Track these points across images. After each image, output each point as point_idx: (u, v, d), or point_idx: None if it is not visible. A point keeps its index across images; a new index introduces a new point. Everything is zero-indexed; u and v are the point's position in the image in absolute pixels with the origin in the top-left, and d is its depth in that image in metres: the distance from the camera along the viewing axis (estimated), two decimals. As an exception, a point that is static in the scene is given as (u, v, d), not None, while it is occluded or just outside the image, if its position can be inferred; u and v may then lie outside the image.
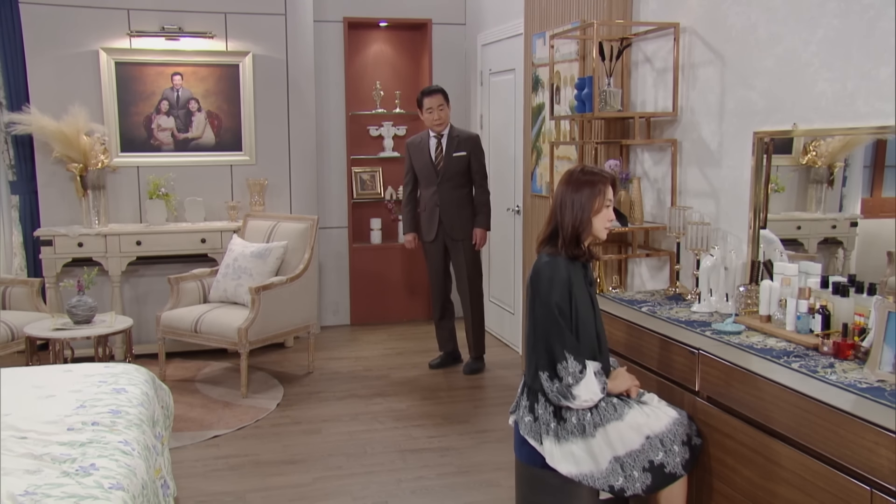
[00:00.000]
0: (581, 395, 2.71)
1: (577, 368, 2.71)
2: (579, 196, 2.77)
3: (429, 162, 5.37)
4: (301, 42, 6.10)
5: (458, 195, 5.37)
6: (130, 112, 5.75)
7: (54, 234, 5.42)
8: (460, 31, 6.75)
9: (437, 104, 5.28)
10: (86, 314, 4.46)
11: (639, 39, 4.15)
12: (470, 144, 5.34)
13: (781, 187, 3.41)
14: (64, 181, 5.62)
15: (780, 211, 3.40)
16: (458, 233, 5.38)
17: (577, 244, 2.80)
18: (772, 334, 2.92)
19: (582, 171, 2.83)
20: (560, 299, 2.75)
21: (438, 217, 5.36)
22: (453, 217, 5.36)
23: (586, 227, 2.78)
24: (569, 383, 2.71)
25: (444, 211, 5.35)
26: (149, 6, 5.71)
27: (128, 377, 3.20)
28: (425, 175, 5.40)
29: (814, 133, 3.14)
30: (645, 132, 4.08)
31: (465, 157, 5.33)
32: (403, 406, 4.77)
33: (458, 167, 5.32)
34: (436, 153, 5.36)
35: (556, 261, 2.78)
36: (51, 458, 2.44)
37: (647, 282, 4.20)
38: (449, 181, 5.33)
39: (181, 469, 3.77)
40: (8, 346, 4.76)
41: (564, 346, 2.72)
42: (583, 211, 2.76)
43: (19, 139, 5.65)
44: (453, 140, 5.34)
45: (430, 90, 5.35)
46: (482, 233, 5.44)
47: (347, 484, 3.72)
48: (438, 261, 5.51)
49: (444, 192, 5.35)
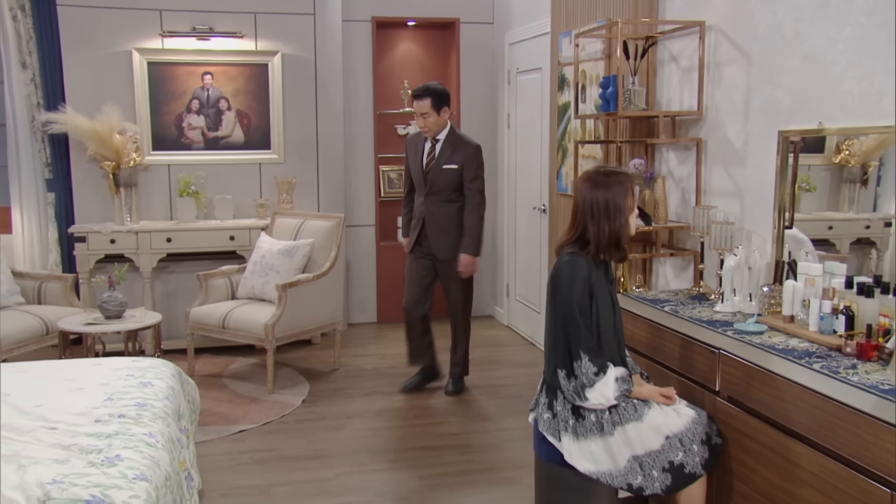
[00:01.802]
0: (591, 398, 2.71)
1: (591, 370, 2.71)
2: (612, 197, 2.75)
3: (419, 167, 4.77)
4: (329, 41, 6.16)
5: (447, 211, 4.73)
6: (162, 111, 5.85)
7: (88, 230, 5.54)
8: (488, 30, 6.76)
9: (420, 110, 4.62)
10: (116, 309, 4.55)
11: (664, 38, 4.13)
12: (465, 156, 4.66)
13: (813, 187, 3.37)
14: (97, 179, 5.73)
15: (811, 211, 3.36)
16: (444, 252, 4.76)
17: (618, 247, 2.80)
18: (794, 335, 2.90)
19: (605, 172, 2.81)
20: (580, 298, 2.75)
21: (423, 230, 4.79)
22: (439, 234, 4.75)
23: (625, 228, 2.78)
24: (582, 383, 2.71)
25: (429, 225, 4.76)
26: (180, 7, 5.80)
27: (154, 371, 3.26)
28: (417, 181, 4.82)
29: (839, 132, 3.10)
30: (670, 131, 4.06)
31: (458, 171, 4.66)
32: (426, 404, 4.80)
33: (448, 180, 4.69)
34: (427, 159, 4.74)
35: (576, 260, 2.78)
36: (78, 448, 2.50)
37: (671, 281, 4.18)
38: (437, 194, 4.71)
39: (207, 462, 3.84)
40: (43, 340, 4.87)
41: (581, 345, 2.72)
42: (620, 213, 2.75)
43: (55, 138, 5.77)
44: (448, 149, 4.69)
45: (416, 93, 4.67)
46: (468, 260, 4.73)
47: (369, 479, 3.76)
48: (416, 277, 4.87)
49: (432, 205, 4.75)
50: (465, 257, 4.72)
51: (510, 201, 6.55)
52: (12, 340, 4.68)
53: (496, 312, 6.98)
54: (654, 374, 3.20)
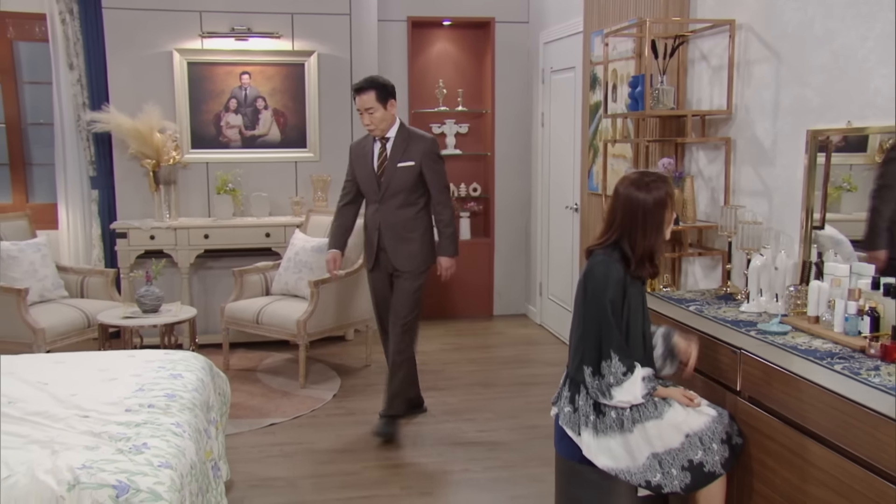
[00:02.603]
0: (618, 397, 2.73)
1: (620, 370, 2.72)
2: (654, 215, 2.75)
3: (370, 172, 4.25)
4: (365, 41, 6.23)
5: (404, 216, 4.24)
6: (201, 110, 5.98)
7: (129, 227, 5.69)
8: (523, 29, 6.77)
9: (364, 105, 4.13)
10: (153, 303, 4.67)
11: (695, 37, 4.11)
12: (421, 150, 4.19)
13: (854, 186, 3.31)
14: (138, 176, 5.89)
15: (851, 211, 3.31)
16: (404, 263, 4.24)
17: (651, 262, 2.81)
18: (819, 335, 2.87)
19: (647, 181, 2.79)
20: (614, 297, 2.76)
21: (378, 242, 4.28)
22: (396, 244, 4.24)
23: (661, 245, 2.80)
24: (609, 383, 2.73)
25: (385, 236, 4.24)
26: (220, 8, 5.92)
27: (185, 364, 3.36)
28: (368, 188, 4.30)
29: (868, 131, 3.06)
30: (700, 130, 4.04)
31: (415, 168, 4.19)
32: (455, 400, 4.84)
33: (404, 181, 4.19)
34: (378, 162, 4.24)
35: (610, 260, 2.79)
36: (108, 436, 2.60)
37: (700, 281, 4.15)
38: (393, 198, 4.21)
39: (237, 454, 3.93)
40: (84, 333, 5.03)
41: (611, 345, 2.73)
42: (658, 232, 2.77)
43: (99, 137, 5.95)
44: (400, 145, 4.20)
45: (358, 86, 4.17)
46: (448, 262, 4.34)
47: (395, 473, 3.82)
48: (383, 296, 4.40)
49: (387, 212, 4.23)
50: (445, 259, 4.32)
51: (543, 200, 6.55)
52: (56, 332, 4.84)
53: (529, 311, 6.99)
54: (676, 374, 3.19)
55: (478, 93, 6.95)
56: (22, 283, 4.95)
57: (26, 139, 6.32)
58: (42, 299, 5.14)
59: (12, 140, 6.25)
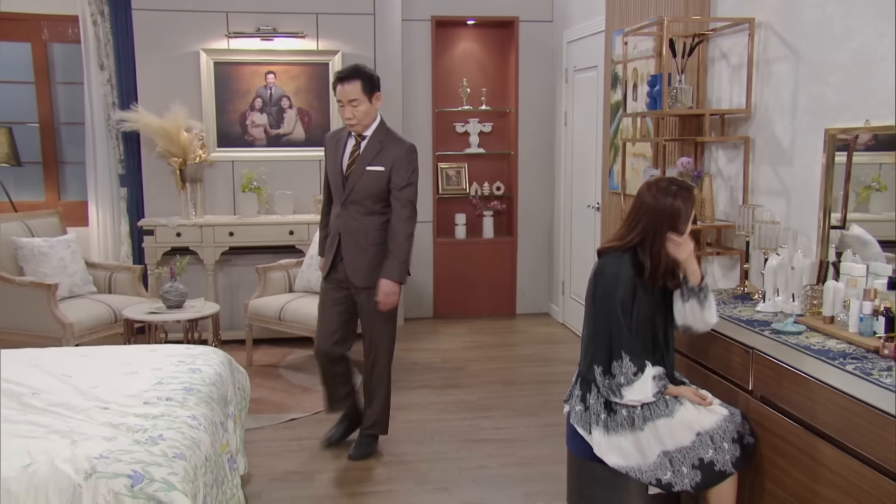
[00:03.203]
0: (629, 396, 2.74)
1: (631, 370, 2.73)
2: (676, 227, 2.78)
3: (338, 170, 3.76)
4: (389, 41, 6.27)
5: (368, 225, 3.75)
6: (227, 109, 6.06)
7: (155, 224, 5.79)
8: (547, 28, 6.77)
9: (348, 97, 3.64)
10: (177, 299, 4.76)
11: (716, 35, 4.09)
12: (395, 157, 3.70)
13: (884, 186, 3.27)
14: (165, 174, 5.99)
15: (881, 211, 3.27)
16: (362, 278, 3.77)
17: (673, 275, 2.82)
18: (833, 335, 2.85)
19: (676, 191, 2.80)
20: (624, 296, 2.78)
21: (338, 250, 3.80)
22: (357, 255, 3.76)
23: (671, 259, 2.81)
24: (620, 382, 2.74)
25: (346, 244, 3.77)
26: (246, 8, 6.00)
27: (204, 358, 3.42)
28: (334, 187, 3.83)
29: (886, 130, 3.03)
30: (720, 129, 4.02)
31: (384, 175, 3.69)
32: (475, 398, 4.86)
33: (370, 186, 3.70)
34: (349, 159, 3.74)
35: (620, 260, 2.80)
36: (126, 427, 2.66)
37: (718, 280, 4.14)
38: (357, 203, 3.73)
39: (256, 448, 3.99)
40: (112, 328, 5.13)
41: (622, 345, 2.74)
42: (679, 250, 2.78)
43: (128, 135, 6.06)
44: (374, 146, 3.71)
45: (342, 75, 3.68)
46: (390, 287, 3.72)
47: (411, 469, 3.85)
48: (331, 310, 3.88)
49: (350, 218, 3.75)
50: (386, 283, 3.71)
51: (566, 199, 6.55)
52: (84, 327, 4.95)
53: (552, 310, 6.99)
54: (692, 374, 3.19)
55: (501, 92, 6.96)
56: (52, 279, 5.06)
57: (59, 138, 6.46)
58: (71, 294, 5.25)
59: (45, 139, 6.39)
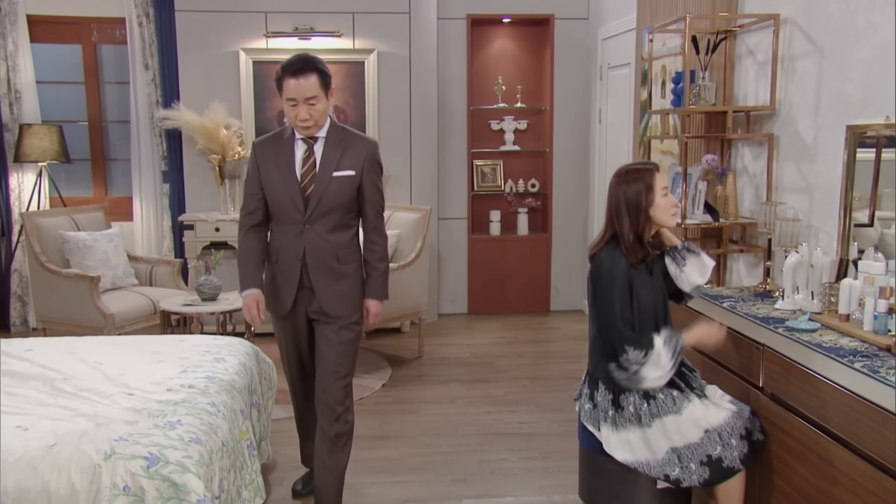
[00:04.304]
0: (650, 376, 2.72)
1: (639, 356, 2.73)
2: (630, 197, 2.79)
3: (291, 182, 3.11)
4: (424, 39, 6.35)
5: (337, 243, 3.17)
6: (265, 107, 6.20)
7: (195, 219, 5.97)
8: (583, 25, 6.77)
9: (305, 94, 3.00)
10: (211, 292, 4.90)
11: (743, 32, 4.07)
12: (364, 155, 3.16)
13: None
14: (205, 171, 6.16)
15: None
16: (336, 306, 3.17)
17: (640, 245, 2.83)
18: (847, 333, 2.83)
19: (626, 171, 2.85)
20: (622, 292, 2.80)
21: (301, 278, 3.16)
22: (326, 280, 3.15)
23: (645, 225, 2.81)
24: (634, 370, 2.74)
25: (314, 269, 3.14)
26: (284, 9, 6.14)
27: (230, 349, 3.54)
28: (284, 205, 3.14)
29: (905, 126, 3.00)
30: (745, 126, 4.00)
31: (355, 180, 3.14)
32: (501, 392, 4.91)
33: (341, 195, 3.12)
34: (303, 169, 3.12)
35: (613, 255, 2.83)
36: (148, 412, 2.78)
37: (743, 278, 4.11)
38: (324, 218, 3.13)
39: (283, 437, 4.09)
40: (150, 319, 5.31)
41: (623, 340, 2.76)
42: (638, 211, 2.79)
43: (170, 133, 6.26)
44: (336, 148, 3.12)
45: (297, 67, 3.01)
46: (378, 308, 3.28)
47: (432, 461, 3.92)
48: (304, 348, 3.32)
49: (315, 237, 3.13)
50: (374, 304, 3.26)
51: (601, 196, 6.54)
52: (124, 318, 5.13)
53: (585, 307, 6.98)
54: (705, 369, 3.20)
55: (537, 89, 6.98)
56: (95, 271, 5.25)
57: (106, 136, 6.69)
58: (113, 286, 5.45)
59: (94, 137, 6.63)
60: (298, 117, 3.04)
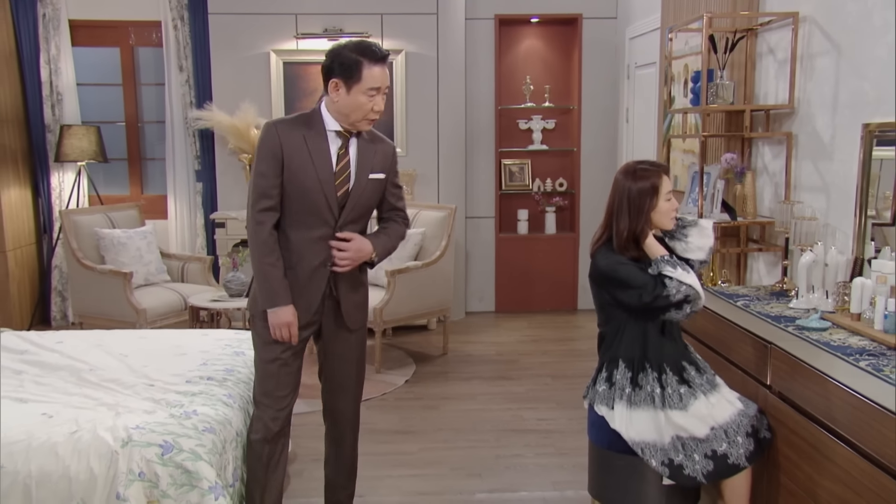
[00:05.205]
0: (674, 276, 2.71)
1: (661, 293, 2.71)
2: (634, 195, 2.81)
3: (327, 180, 2.78)
4: (452, 39, 6.41)
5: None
6: (294, 107, 6.32)
7: (226, 217, 6.11)
8: (611, 25, 6.77)
9: (387, 83, 2.79)
10: (238, 288, 5.01)
11: (763, 30, 4.05)
12: (389, 159, 2.94)
13: None
14: (237, 170, 6.30)
15: None
16: (356, 317, 2.96)
17: (636, 246, 2.85)
18: (857, 332, 2.82)
19: (634, 169, 2.86)
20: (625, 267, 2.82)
21: (330, 288, 2.87)
22: (352, 290, 2.93)
23: (644, 226, 2.83)
24: (683, 290, 2.70)
25: (341, 277, 2.87)
26: (314, 10, 6.25)
27: (249, 343, 3.63)
28: (312, 204, 2.79)
29: (920, 125, 2.97)
30: (765, 125, 3.98)
31: (383, 184, 2.93)
32: (522, 389, 4.95)
33: (374, 198, 2.93)
34: (338, 167, 2.80)
35: (610, 252, 2.86)
36: (166, 402, 2.89)
37: (763, 277, 4.10)
38: (354, 224, 2.88)
39: (304, 430, 4.18)
40: (181, 315, 5.45)
41: (653, 289, 2.72)
42: (639, 211, 2.81)
43: (203, 133, 6.41)
44: (369, 148, 2.86)
45: (381, 53, 2.78)
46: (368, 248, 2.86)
47: (448, 455, 3.98)
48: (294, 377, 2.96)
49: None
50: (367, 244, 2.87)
51: (628, 196, 6.53)
52: (156, 313, 5.28)
53: (613, 307, 6.97)
54: (715, 366, 3.20)
55: (565, 89, 6.99)
56: (128, 268, 5.41)
57: (143, 136, 6.87)
58: (146, 282, 5.60)
59: (131, 137, 6.82)
60: (375, 108, 2.74)
